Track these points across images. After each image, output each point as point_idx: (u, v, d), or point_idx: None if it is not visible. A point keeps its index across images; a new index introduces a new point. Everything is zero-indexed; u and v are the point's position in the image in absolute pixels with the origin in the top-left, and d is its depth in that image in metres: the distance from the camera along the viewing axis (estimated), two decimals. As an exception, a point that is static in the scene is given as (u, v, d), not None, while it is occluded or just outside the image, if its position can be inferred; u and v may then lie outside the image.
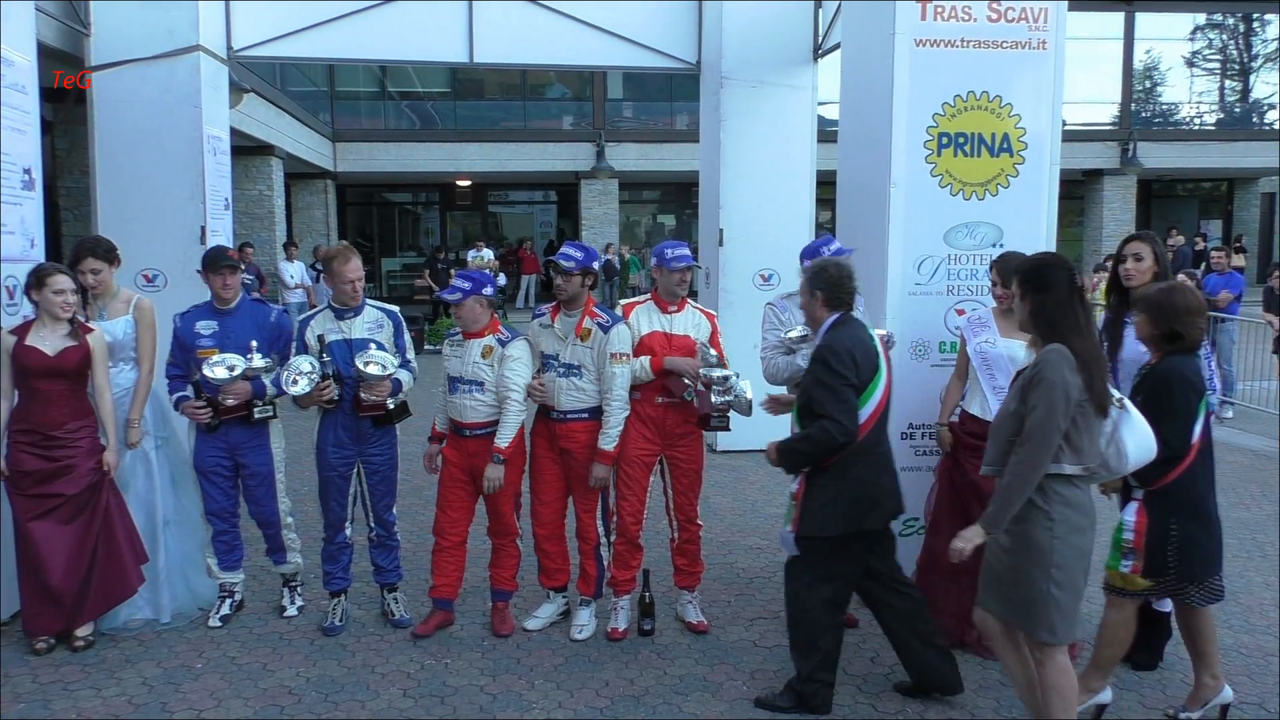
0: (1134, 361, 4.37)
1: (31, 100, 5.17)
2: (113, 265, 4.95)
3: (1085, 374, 3.40)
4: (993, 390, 4.56)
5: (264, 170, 17.07)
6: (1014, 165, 5.07)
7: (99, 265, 4.87)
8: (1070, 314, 3.45)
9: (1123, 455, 3.53)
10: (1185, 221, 26.69)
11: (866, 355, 3.94)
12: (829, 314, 4.05)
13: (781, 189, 8.47)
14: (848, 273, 4.08)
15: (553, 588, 5.02)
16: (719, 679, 4.45)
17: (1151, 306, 3.90)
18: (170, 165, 7.56)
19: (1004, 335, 4.57)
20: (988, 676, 4.45)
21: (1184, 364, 3.87)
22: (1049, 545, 3.42)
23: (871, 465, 4.01)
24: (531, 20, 8.69)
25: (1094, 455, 3.46)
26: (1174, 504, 3.86)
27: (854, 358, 3.89)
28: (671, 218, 27.96)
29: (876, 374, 3.96)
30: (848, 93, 5.70)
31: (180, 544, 5.12)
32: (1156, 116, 26.26)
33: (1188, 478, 3.85)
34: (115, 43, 7.49)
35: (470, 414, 4.72)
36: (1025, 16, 5.02)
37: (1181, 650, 4.68)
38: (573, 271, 4.68)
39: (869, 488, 4.01)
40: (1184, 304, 3.86)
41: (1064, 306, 3.46)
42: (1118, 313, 4.53)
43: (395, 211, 28.82)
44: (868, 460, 3.99)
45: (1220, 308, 10.62)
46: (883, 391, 4.00)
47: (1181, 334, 3.83)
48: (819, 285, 4.04)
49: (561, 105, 25.52)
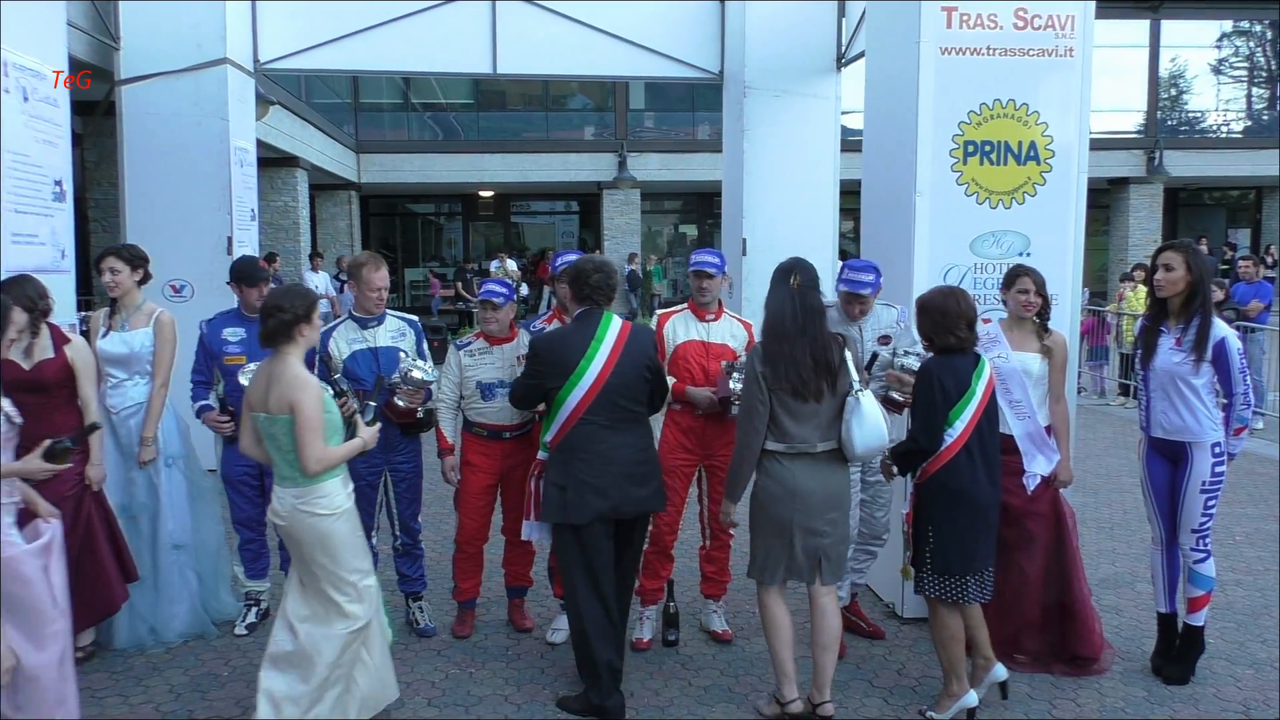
0: (1166, 371, 4.33)
1: (62, 113, 5.23)
2: (135, 270, 4.81)
3: (780, 367, 3.86)
4: (1009, 405, 4.51)
5: (289, 182, 17.23)
6: (1040, 174, 5.03)
7: (119, 265, 4.75)
8: (779, 311, 3.94)
9: (851, 440, 3.92)
10: (1213, 230, 26.41)
11: (567, 353, 4.14)
12: (577, 308, 4.29)
13: (805, 198, 8.47)
14: (595, 266, 4.27)
15: (565, 596, 5.02)
16: (744, 690, 4.42)
17: (919, 308, 4.13)
18: (197, 177, 7.65)
19: (1016, 349, 4.55)
20: (1017, 690, 4.40)
21: (939, 364, 4.04)
22: (754, 503, 4.08)
23: (579, 461, 4.12)
24: (554, 31, 8.74)
25: (801, 437, 3.92)
26: (931, 498, 4.03)
27: (547, 357, 4.15)
28: (693, 228, 27.94)
29: (577, 373, 4.10)
30: (872, 101, 5.68)
31: (193, 567, 4.96)
32: (1183, 124, 26.02)
33: (947, 473, 3.97)
34: (144, 56, 7.60)
35: (513, 416, 4.78)
36: (1052, 23, 4.98)
37: (1216, 665, 4.64)
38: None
39: (577, 484, 4.11)
40: (939, 307, 4.02)
41: (778, 304, 3.95)
42: (1154, 322, 4.47)
43: (418, 222, 28.96)
44: (575, 456, 4.13)
45: (1250, 317, 10.47)
46: (587, 388, 4.10)
47: (931, 336, 4.05)
48: (564, 279, 4.43)
49: (583, 116, 25.59)
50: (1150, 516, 4.57)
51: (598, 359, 4.11)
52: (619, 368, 4.14)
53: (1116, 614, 5.27)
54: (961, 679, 4.07)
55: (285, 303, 3.73)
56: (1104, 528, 6.88)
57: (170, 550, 4.89)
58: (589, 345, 4.13)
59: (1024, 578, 4.51)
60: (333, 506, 3.75)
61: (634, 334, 4.24)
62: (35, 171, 4.95)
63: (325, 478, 3.73)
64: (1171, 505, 4.47)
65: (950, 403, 3.97)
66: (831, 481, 4.00)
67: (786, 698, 4.03)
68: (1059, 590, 4.56)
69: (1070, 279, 5.11)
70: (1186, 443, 4.36)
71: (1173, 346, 4.34)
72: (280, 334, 3.71)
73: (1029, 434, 4.52)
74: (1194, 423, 4.32)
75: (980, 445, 4.00)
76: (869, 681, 4.44)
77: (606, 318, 4.22)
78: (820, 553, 4.00)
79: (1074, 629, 4.55)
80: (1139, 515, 4.52)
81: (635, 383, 4.20)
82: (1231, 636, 5.00)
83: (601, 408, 4.12)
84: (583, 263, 4.32)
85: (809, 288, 3.98)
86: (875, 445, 3.94)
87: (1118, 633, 5.01)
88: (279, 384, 3.66)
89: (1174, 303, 4.38)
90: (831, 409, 3.94)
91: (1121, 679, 4.52)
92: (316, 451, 3.63)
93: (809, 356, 3.90)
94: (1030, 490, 4.48)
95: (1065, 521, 4.58)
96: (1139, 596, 5.47)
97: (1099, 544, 6.48)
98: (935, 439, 3.97)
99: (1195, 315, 4.31)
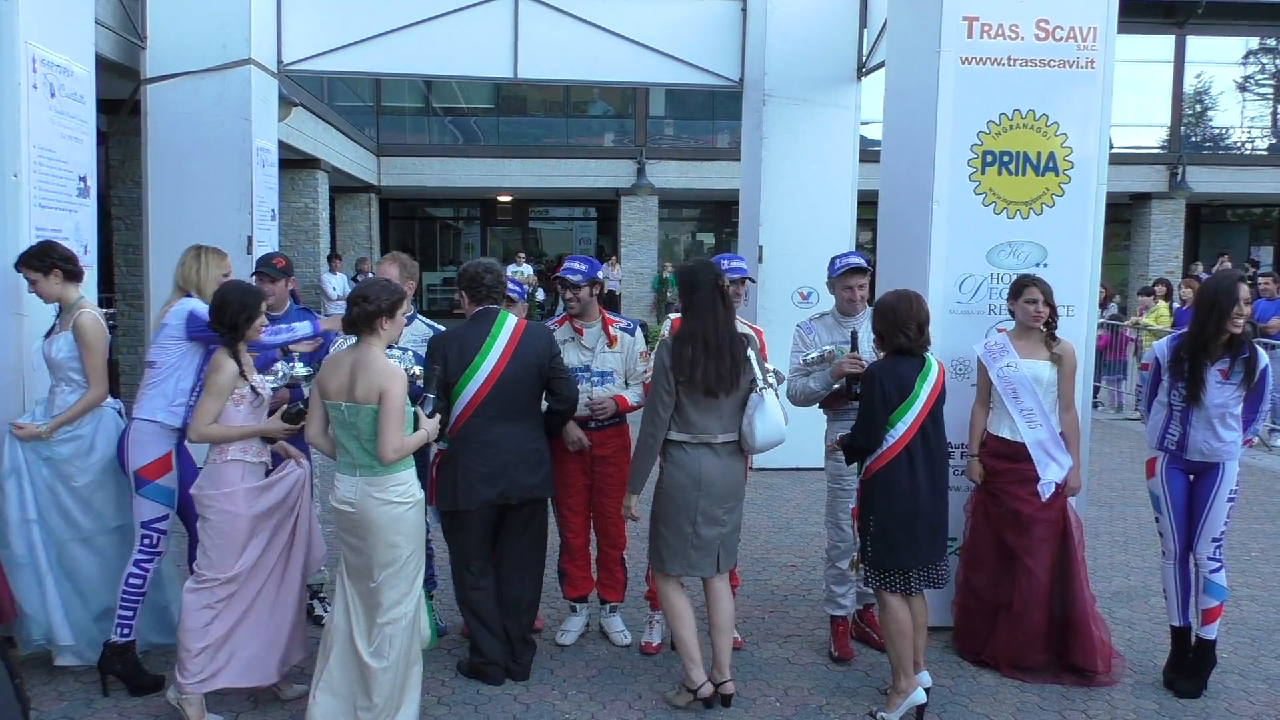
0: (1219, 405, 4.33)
1: (89, 110, 5.29)
2: (50, 273, 4.33)
3: (700, 364, 4.02)
4: (1021, 413, 4.53)
5: (310, 183, 17.33)
6: (1059, 185, 5.02)
7: (32, 275, 4.34)
8: (708, 312, 4.08)
9: (753, 434, 4.12)
10: (1235, 247, 26.21)
11: (464, 349, 4.30)
12: (473, 309, 4.44)
13: (822, 207, 8.45)
14: (485, 268, 4.47)
15: (576, 598, 5.03)
16: (752, 695, 4.42)
17: (875, 307, 4.25)
18: (219, 176, 7.70)
19: (1024, 357, 4.56)
20: (1027, 700, 4.39)
21: (882, 367, 4.15)
22: (658, 491, 4.23)
23: (470, 451, 4.31)
24: (576, 36, 8.76)
25: (704, 428, 4.10)
26: (873, 494, 4.15)
27: (444, 352, 4.29)
28: (710, 236, 27.95)
29: (471, 368, 4.28)
30: (891, 109, 5.68)
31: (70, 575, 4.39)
32: (1206, 141, 25.86)
33: (888, 471, 4.08)
34: (170, 55, 7.67)
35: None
36: (1074, 35, 4.97)
37: (1229, 679, 4.62)
38: (580, 284, 4.80)
39: (466, 472, 4.30)
40: (892, 307, 4.12)
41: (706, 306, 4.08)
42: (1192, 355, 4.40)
43: (437, 226, 29.10)
44: (466, 447, 4.31)
45: (1271, 334, 10.40)
46: (481, 382, 4.29)
47: (883, 335, 4.16)
48: (460, 285, 4.50)
49: (603, 122, 25.66)
50: (1165, 531, 4.55)
51: (491, 355, 4.32)
52: (512, 364, 4.34)
53: (1129, 627, 5.25)
54: (910, 675, 4.13)
55: (371, 294, 3.84)
56: (1117, 541, 6.84)
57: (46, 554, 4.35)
58: (484, 342, 4.33)
59: (1036, 585, 4.51)
60: (409, 495, 3.85)
61: (528, 332, 4.44)
62: (60, 167, 5.00)
63: (399, 467, 3.82)
64: (1189, 518, 4.47)
65: (891, 405, 4.07)
66: (730, 472, 4.19)
67: (696, 682, 4.17)
68: (1062, 600, 4.57)
69: (1088, 291, 5.10)
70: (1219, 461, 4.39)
71: (1220, 381, 4.33)
72: (362, 323, 3.83)
73: (1041, 442, 4.52)
74: (1232, 442, 4.38)
75: (923, 446, 4.10)
76: (877, 689, 4.43)
77: (502, 316, 4.43)
78: (720, 540, 4.19)
79: (1075, 640, 4.54)
80: (1153, 529, 4.49)
81: (528, 379, 4.41)
82: (1245, 651, 4.96)
83: (494, 401, 4.31)
84: (474, 267, 4.49)
85: (722, 288, 4.15)
86: (775, 439, 4.16)
87: (1130, 646, 4.98)
88: (367, 373, 3.74)
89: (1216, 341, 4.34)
90: (734, 403, 4.14)
91: (1133, 691, 4.49)
92: (396, 441, 3.73)
93: (726, 354, 4.07)
94: (1045, 498, 4.48)
95: (1071, 530, 4.58)
96: (1152, 610, 5.44)
97: (1112, 557, 6.44)
98: (875, 439, 4.09)
99: (1242, 348, 4.33)
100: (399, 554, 3.82)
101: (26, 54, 4.69)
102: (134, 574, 4.28)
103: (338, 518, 3.88)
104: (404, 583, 3.86)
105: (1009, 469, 4.59)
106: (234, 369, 3.96)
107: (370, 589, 3.83)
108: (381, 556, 3.80)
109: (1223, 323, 4.29)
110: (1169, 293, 13.45)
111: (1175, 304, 12.79)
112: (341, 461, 3.89)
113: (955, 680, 4.57)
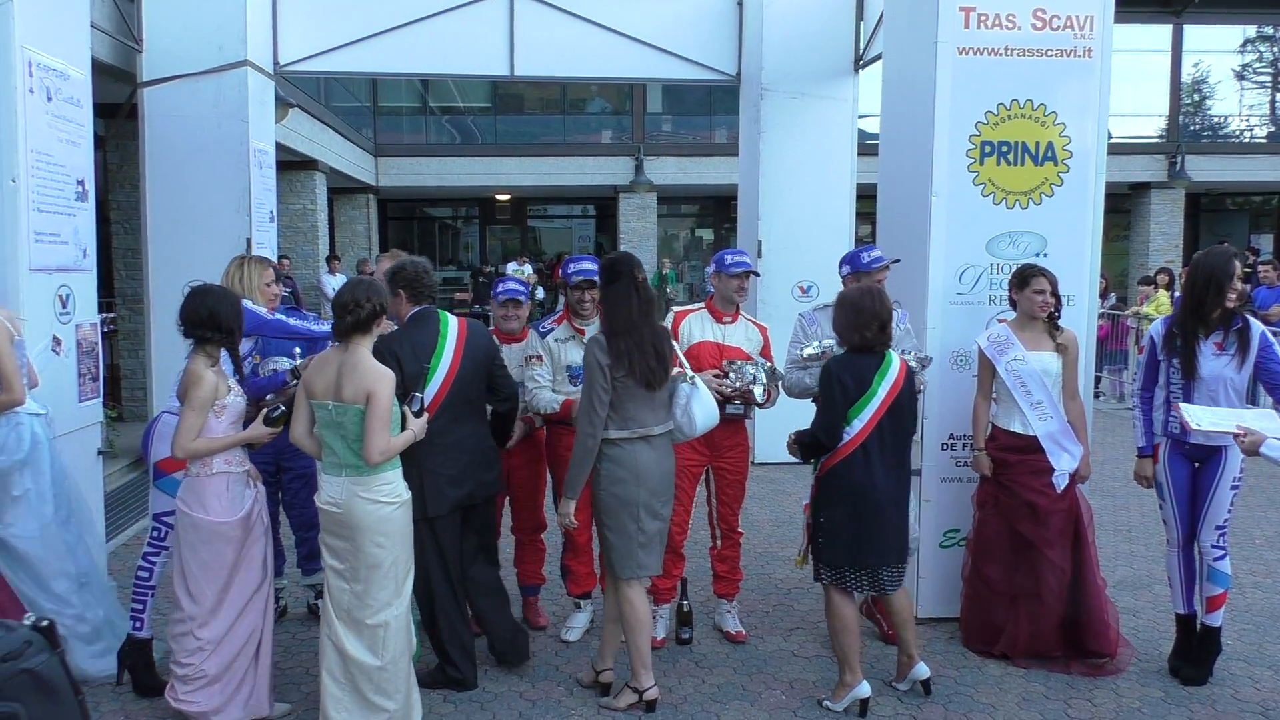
0: (1215, 377, 4.31)
1: (85, 113, 5.28)
2: None
3: (633, 358, 4.00)
4: (1031, 406, 4.53)
5: (308, 184, 17.32)
6: (1058, 174, 5.01)
7: None
8: (625, 305, 4.05)
9: (693, 422, 4.17)
10: (1235, 236, 26.20)
11: (418, 351, 4.20)
12: (410, 309, 4.33)
13: (821, 200, 8.44)
14: (424, 268, 4.40)
15: (580, 595, 5.04)
16: (757, 688, 4.42)
17: (837, 302, 4.26)
18: (217, 178, 7.71)
19: (1031, 349, 4.55)
20: (1032, 690, 4.39)
21: (839, 363, 4.14)
22: (597, 495, 4.15)
23: (434, 454, 4.17)
24: (572, 33, 8.75)
25: (642, 421, 4.07)
26: (826, 490, 4.14)
27: (398, 355, 4.12)
28: (709, 231, 27.95)
29: (431, 369, 4.21)
30: (889, 101, 5.67)
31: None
32: (1205, 129, 25.83)
33: (844, 468, 4.07)
34: (166, 58, 7.67)
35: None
36: (1071, 24, 4.96)
37: (1234, 666, 4.62)
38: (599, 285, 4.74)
39: (433, 476, 4.19)
40: (854, 304, 4.11)
41: (623, 298, 4.06)
42: (1185, 333, 4.42)
43: (436, 226, 29.10)
44: (430, 449, 4.14)
45: (1271, 321, 10.39)
46: (440, 384, 4.21)
47: (842, 332, 4.16)
48: (399, 284, 4.32)
49: (601, 120, 25.63)
50: (1168, 518, 4.55)
51: (446, 355, 4.27)
52: (464, 363, 4.30)
53: (1134, 616, 5.25)
54: (855, 669, 4.14)
55: (358, 298, 3.80)
56: (1121, 530, 6.84)
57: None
58: (436, 342, 4.27)
59: (1061, 576, 4.53)
60: (395, 495, 3.84)
61: (471, 330, 4.40)
62: (58, 171, 4.99)
63: (385, 468, 3.81)
64: (1192, 506, 4.46)
65: (849, 401, 4.04)
66: (666, 464, 4.20)
67: (644, 685, 4.15)
68: (1075, 586, 4.58)
69: (1087, 280, 5.09)
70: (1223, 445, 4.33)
71: (1215, 352, 4.31)
72: (357, 329, 3.80)
73: (1052, 434, 4.53)
74: None
75: (880, 444, 4.07)
76: (883, 680, 4.43)
77: (443, 316, 4.36)
78: (659, 536, 4.19)
79: (1088, 625, 4.55)
80: (1157, 519, 4.48)
81: (479, 377, 4.37)
82: (1250, 638, 4.97)
83: (452, 403, 4.26)
84: (413, 266, 4.38)
85: (645, 282, 4.16)
86: (712, 423, 4.25)
87: (1135, 634, 4.98)
88: (355, 374, 3.73)
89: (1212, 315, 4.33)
90: (665, 394, 4.18)
91: (1139, 679, 4.50)
92: (382, 444, 3.72)
93: (651, 346, 4.08)
94: (1060, 489, 4.49)
95: (1083, 518, 4.59)
96: (1156, 599, 5.44)
97: (1116, 547, 6.44)
98: (834, 435, 4.08)
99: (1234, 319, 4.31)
100: (386, 554, 3.81)
101: (23, 58, 4.68)
102: (143, 567, 4.31)
103: (324, 518, 3.87)
104: (392, 584, 3.85)
105: (1021, 460, 4.58)
106: (213, 380, 3.89)
107: (358, 591, 3.82)
108: (369, 557, 3.79)
109: (1221, 296, 4.28)
110: (1171, 282, 13.43)
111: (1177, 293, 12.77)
112: (327, 462, 3.87)
113: (960, 670, 4.58)
